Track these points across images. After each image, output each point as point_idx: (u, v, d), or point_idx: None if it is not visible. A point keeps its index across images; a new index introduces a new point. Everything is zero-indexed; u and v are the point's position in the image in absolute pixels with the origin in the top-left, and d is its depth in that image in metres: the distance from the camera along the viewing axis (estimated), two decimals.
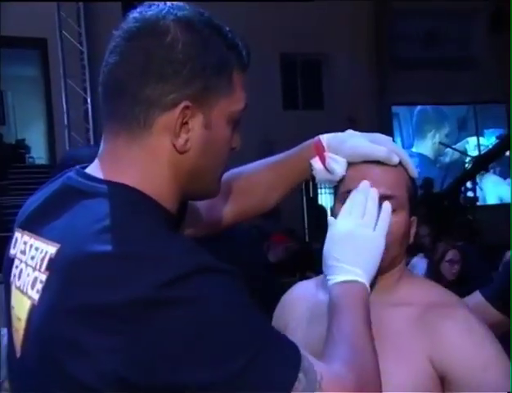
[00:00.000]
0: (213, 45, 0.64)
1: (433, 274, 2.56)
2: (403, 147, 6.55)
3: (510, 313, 0.97)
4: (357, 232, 0.72)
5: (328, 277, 0.72)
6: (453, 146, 6.70)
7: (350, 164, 0.80)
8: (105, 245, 0.57)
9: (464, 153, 6.57)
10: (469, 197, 5.70)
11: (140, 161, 0.64)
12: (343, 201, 0.77)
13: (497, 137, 6.30)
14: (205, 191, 0.71)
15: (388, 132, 6.19)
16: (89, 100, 4.71)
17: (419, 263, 3.07)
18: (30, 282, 0.62)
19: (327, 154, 0.81)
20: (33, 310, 0.61)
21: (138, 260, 0.56)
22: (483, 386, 0.71)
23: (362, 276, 0.70)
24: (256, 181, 0.84)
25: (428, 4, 5.76)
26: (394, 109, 6.47)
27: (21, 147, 4.51)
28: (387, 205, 0.74)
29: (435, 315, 0.75)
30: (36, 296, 0.61)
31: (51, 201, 0.66)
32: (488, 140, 6.76)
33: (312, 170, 0.82)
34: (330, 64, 5.94)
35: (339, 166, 0.80)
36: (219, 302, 0.56)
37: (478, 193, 5.82)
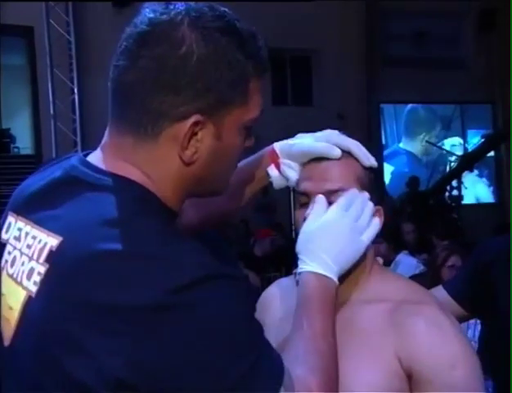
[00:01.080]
0: (229, 57, 0.61)
1: (433, 279, 2.57)
2: (388, 144, 6.60)
3: (510, 314, 0.97)
4: (350, 233, 0.73)
5: (304, 259, 0.72)
6: (439, 145, 6.77)
7: (302, 166, 0.82)
8: (114, 242, 0.55)
9: (451, 152, 6.65)
10: (454, 196, 5.77)
11: (145, 166, 0.62)
12: (300, 203, 0.78)
13: (482, 137, 6.38)
14: (212, 193, 0.70)
15: (377, 129, 6.24)
16: (76, 90, 4.66)
17: (404, 259, 3.11)
18: (26, 272, 0.60)
19: (281, 160, 0.83)
20: (29, 302, 0.59)
21: (148, 262, 0.55)
22: (450, 384, 0.71)
23: (336, 275, 0.71)
24: None
25: (417, 4, 5.80)
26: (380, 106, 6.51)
27: (6, 137, 4.43)
28: (377, 219, 0.76)
29: (405, 312, 0.75)
30: (33, 288, 0.59)
31: (52, 189, 0.63)
32: (472, 140, 6.84)
33: (269, 178, 0.84)
34: (319, 61, 5.95)
35: (292, 171, 0.82)
36: (226, 311, 0.56)
37: (463, 192, 5.90)
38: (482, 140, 6.15)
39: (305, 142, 0.81)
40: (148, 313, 0.53)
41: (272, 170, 0.84)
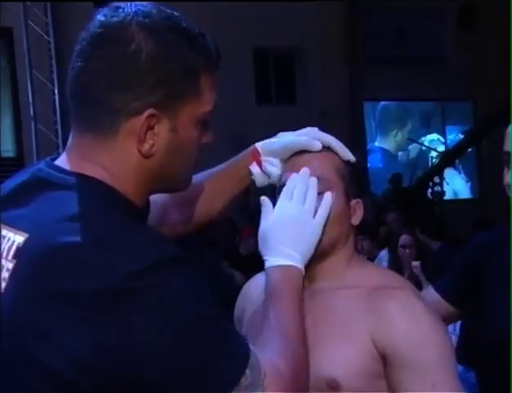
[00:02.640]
0: (178, 52, 0.64)
1: (393, 263, 2.64)
2: (366, 142, 6.64)
3: (510, 315, 0.98)
4: (299, 218, 0.75)
5: (267, 258, 0.75)
6: (420, 141, 6.85)
7: (284, 162, 0.84)
8: (74, 235, 0.58)
9: (431, 149, 6.74)
10: (437, 192, 5.85)
11: (105, 162, 0.65)
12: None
13: (463, 133, 6.48)
14: (174, 188, 0.73)
15: (360, 127, 6.30)
16: (56, 91, 4.60)
17: (387, 255, 3.14)
18: None
19: (263, 158, 0.85)
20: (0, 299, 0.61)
21: (107, 249, 0.58)
22: (422, 365, 0.74)
23: (300, 262, 0.74)
24: (200, 189, 0.87)
25: (398, 1, 5.86)
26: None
27: None
28: (328, 194, 0.78)
29: (379, 296, 0.77)
30: (2, 284, 0.61)
31: (20, 191, 0.66)
32: (450, 136, 6.94)
33: (251, 176, 0.86)
34: (302, 59, 5.97)
35: (274, 168, 0.85)
36: (185, 294, 0.58)
37: (445, 188, 5.98)
38: (462, 136, 6.24)
39: (287, 138, 0.84)
40: (106, 298, 0.56)
41: (254, 168, 0.86)
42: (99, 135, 0.64)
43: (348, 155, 0.83)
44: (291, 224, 0.75)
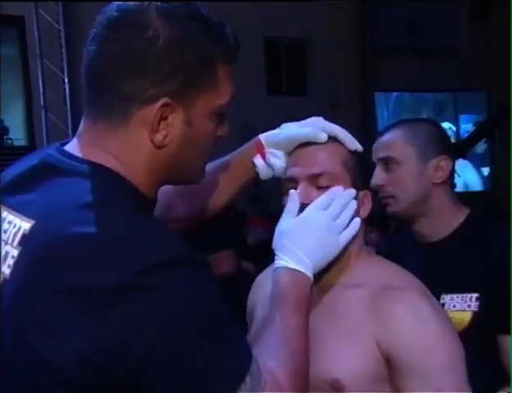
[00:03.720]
0: (195, 40, 0.62)
1: None
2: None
3: (510, 313, 0.98)
4: (326, 231, 0.73)
5: (280, 256, 0.72)
6: None
7: (289, 154, 0.82)
8: (84, 226, 0.56)
9: None
10: None
11: (117, 150, 0.63)
12: (287, 189, 0.78)
13: (475, 124, 6.39)
14: (186, 180, 0.71)
15: (371, 118, 6.24)
16: (67, 80, 4.61)
17: None
18: (2, 256, 0.62)
19: (266, 150, 0.83)
20: (3, 285, 0.60)
21: (117, 245, 0.56)
22: (427, 369, 0.72)
23: (311, 271, 0.72)
24: (203, 183, 0.87)
25: None
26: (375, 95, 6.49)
27: None
28: (358, 219, 0.76)
29: (385, 297, 0.76)
30: (7, 271, 0.60)
31: (28, 176, 0.65)
32: (464, 127, 6.84)
33: (255, 168, 0.84)
34: (313, 50, 5.91)
35: (277, 159, 0.82)
36: (192, 294, 0.57)
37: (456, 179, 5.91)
38: (474, 128, 6.16)
39: (291, 129, 0.82)
40: (109, 294, 0.54)
41: (258, 160, 0.84)
42: (112, 122, 0.63)
43: (355, 145, 0.80)
44: (315, 233, 0.73)
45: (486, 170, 6.90)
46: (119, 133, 0.63)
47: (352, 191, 0.77)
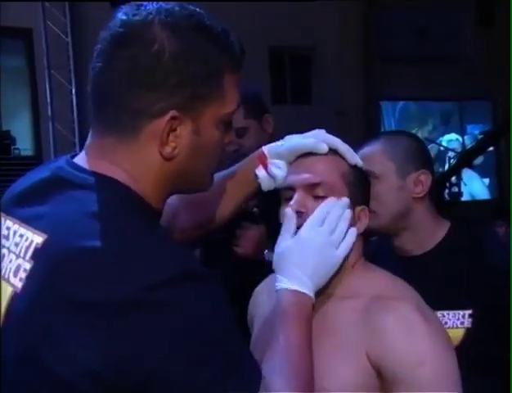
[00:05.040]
0: (201, 52, 0.62)
1: None
2: None
3: (510, 310, 0.97)
4: (324, 248, 0.74)
5: (281, 278, 0.73)
6: (437, 142, 6.76)
7: (290, 164, 0.83)
8: (93, 240, 0.57)
9: (450, 149, 6.64)
10: (454, 192, 5.77)
11: (125, 164, 0.64)
12: (284, 198, 0.79)
13: (480, 133, 6.37)
14: (195, 189, 0.71)
15: (376, 127, 6.24)
16: (74, 91, 4.65)
17: None
18: (13, 269, 0.62)
19: (269, 161, 0.84)
20: (15, 298, 0.61)
21: (125, 259, 0.56)
22: (418, 382, 0.71)
23: (312, 290, 0.72)
24: (208, 195, 0.85)
25: (416, 0, 5.79)
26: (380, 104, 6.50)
27: (6, 139, 4.44)
28: (353, 230, 0.76)
29: (377, 308, 0.75)
30: (19, 284, 0.61)
31: (39, 189, 0.65)
32: (470, 136, 6.83)
33: (257, 179, 0.85)
34: (318, 58, 5.94)
35: (279, 170, 0.83)
36: (202, 312, 0.57)
37: (463, 188, 5.89)
38: (481, 136, 6.14)
39: (294, 140, 0.83)
40: (122, 309, 0.54)
41: (260, 171, 0.85)
42: (120, 137, 0.63)
43: (355, 159, 0.80)
44: (314, 252, 0.73)
45: (491, 179, 6.87)
46: (127, 147, 0.63)
47: (345, 201, 0.77)
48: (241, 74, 0.69)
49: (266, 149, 0.86)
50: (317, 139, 0.80)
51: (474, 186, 6.72)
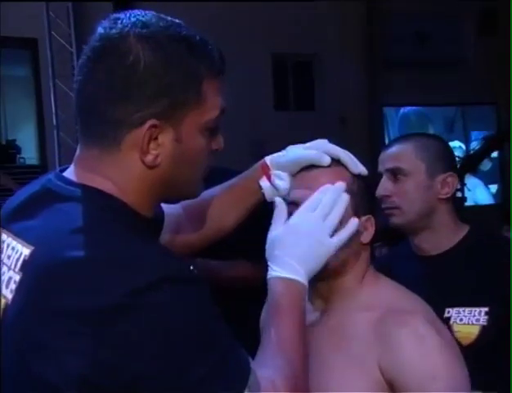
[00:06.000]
0: (178, 60, 0.64)
1: None
2: None
3: (510, 309, 0.98)
4: (315, 234, 0.72)
5: (272, 266, 0.72)
6: None
7: (293, 176, 0.83)
8: (77, 250, 0.58)
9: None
10: (458, 198, 5.75)
11: (111, 174, 0.65)
12: (289, 212, 0.78)
13: (483, 138, 6.37)
14: (183, 196, 0.73)
15: (379, 132, 6.24)
16: None
17: None
18: (5, 282, 0.64)
19: (272, 172, 0.84)
20: (6, 310, 0.63)
21: (109, 266, 0.58)
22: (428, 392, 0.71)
23: (305, 277, 0.71)
24: (211, 204, 0.86)
25: (418, 5, 5.81)
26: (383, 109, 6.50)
27: (12, 148, 4.47)
28: (355, 220, 0.75)
29: (389, 323, 0.75)
30: (10, 296, 0.63)
31: (30, 202, 0.67)
32: (474, 142, 6.82)
33: (261, 190, 0.85)
34: (321, 64, 5.96)
35: (282, 181, 0.83)
36: (184, 312, 0.58)
37: (466, 194, 5.88)
38: (483, 142, 6.14)
39: (296, 151, 0.83)
40: (106, 314, 0.56)
41: (264, 182, 0.85)
42: (104, 148, 0.65)
43: (359, 169, 0.80)
44: (305, 238, 0.72)
45: (495, 184, 6.84)
46: (111, 158, 0.65)
47: (341, 185, 0.75)
48: (245, 82, 0.70)
49: (268, 160, 0.86)
50: (319, 150, 0.80)
51: (479, 191, 6.70)
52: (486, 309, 1.02)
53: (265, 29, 5.20)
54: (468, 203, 6.03)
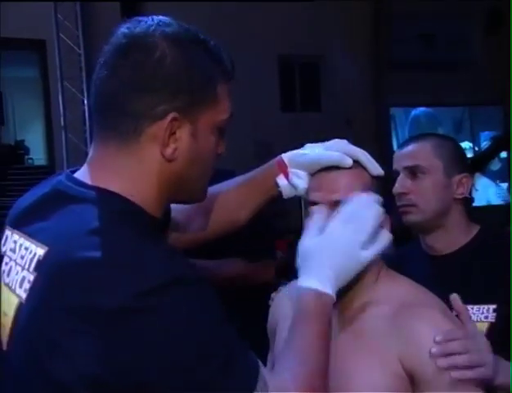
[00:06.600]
0: (198, 61, 0.67)
1: None
2: (394, 149, 6.52)
3: (511, 308, 0.99)
4: (350, 248, 0.72)
5: (304, 276, 0.72)
6: None
7: (312, 175, 0.83)
8: (90, 251, 0.60)
9: None
10: (467, 198, 5.70)
11: (128, 169, 0.67)
12: (309, 212, 0.79)
13: (491, 139, 6.33)
14: (192, 197, 0.74)
15: (386, 134, 6.22)
16: (86, 102, 4.72)
17: None
18: (19, 281, 0.65)
19: (289, 170, 0.85)
20: (20, 309, 0.64)
21: (120, 268, 0.59)
22: (450, 385, 0.72)
23: (333, 290, 0.71)
24: (226, 198, 0.87)
25: (424, 6, 5.79)
26: (391, 110, 6.48)
27: (20, 148, 4.51)
28: (386, 232, 0.75)
29: (407, 315, 0.76)
30: (23, 295, 0.64)
31: (41, 204, 0.69)
32: (482, 142, 6.78)
33: (278, 188, 0.86)
34: (327, 66, 5.95)
35: (300, 180, 0.84)
36: (192, 313, 0.59)
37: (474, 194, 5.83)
38: (491, 142, 6.10)
39: (315, 151, 0.83)
40: (116, 315, 0.57)
41: (281, 180, 0.85)
42: (123, 141, 0.66)
43: (378, 170, 0.81)
44: (339, 252, 0.71)
45: (505, 184, 6.79)
46: (129, 151, 0.66)
47: (375, 197, 0.76)
48: (251, 83, 0.72)
49: (286, 157, 0.86)
50: (341, 152, 0.80)
51: (488, 191, 6.66)
52: (494, 306, 1.02)
53: (271, 30, 5.21)
54: (480, 203, 6.00)
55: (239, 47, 4.61)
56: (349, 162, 0.79)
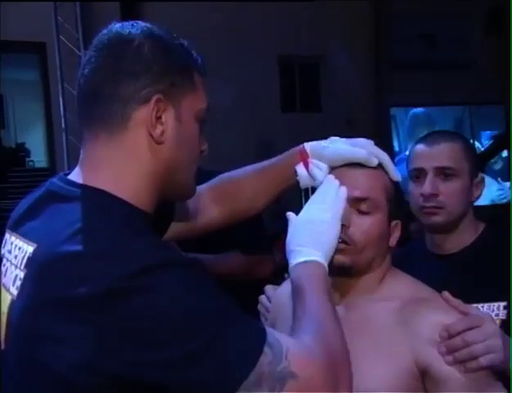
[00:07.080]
0: (174, 50, 0.71)
1: None
2: (400, 151, 6.56)
3: (510, 308, 0.99)
4: (314, 218, 0.75)
5: (290, 261, 0.75)
6: None
7: (332, 169, 0.84)
8: (76, 245, 0.62)
9: None
10: None
11: (118, 159, 0.69)
12: None
13: (492, 137, 6.33)
14: (181, 190, 0.75)
15: (387, 134, 6.22)
16: None
17: None
18: (12, 279, 0.68)
19: (311, 160, 0.85)
20: (12, 306, 0.67)
21: (105, 258, 0.61)
22: (463, 381, 0.73)
23: (320, 256, 0.73)
24: (243, 185, 0.88)
25: (425, 6, 5.79)
26: (391, 111, 6.48)
27: (21, 151, 4.52)
28: (343, 189, 0.77)
29: (413, 309, 0.77)
30: (15, 292, 0.67)
31: (35, 205, 0.72)
32: (484, 141, 6.77)
33: (296, 176, 0.86)
34: (327, 66, 5.96)
35: (320, 172, 0.84)
36: (180, 288, 0.60)
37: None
38: (491, 141, 6.10)
39: (342, 146, 0.83)
40: (106, 299, 0.58)
41: (301, 168, 0.85)
42: (111, 129, 0.68)
43: (397, 176, 0.82)
44: (306, 226, 0.75)
45: (507, 183, 6.79)
46: (118, 139, 0.69)
47: (330, 177, 0.79)
48: (252, 84, 0.73)
49: (308, 147, 0.86)
50: (367, 151, 0.80)
51: (489, 190, 6.65)
52: (504, 303, 1.02)
53: (271, 30, 5.21)
54: (484, 202, 5.99)
55: (239, 48, 4.61)
56: (375, 162, 0.80)
